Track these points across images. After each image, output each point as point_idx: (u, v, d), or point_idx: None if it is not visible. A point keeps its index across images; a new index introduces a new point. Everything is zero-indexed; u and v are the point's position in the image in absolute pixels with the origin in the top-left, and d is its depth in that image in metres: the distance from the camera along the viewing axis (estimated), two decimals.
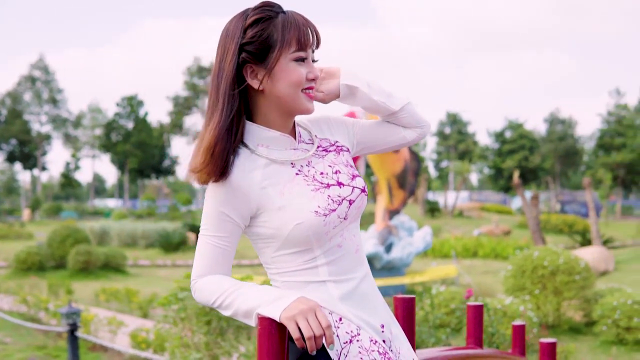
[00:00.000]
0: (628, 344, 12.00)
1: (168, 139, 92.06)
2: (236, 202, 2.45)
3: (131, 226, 36.63)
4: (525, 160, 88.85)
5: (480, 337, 3.69)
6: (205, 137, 2.44)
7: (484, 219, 53.49)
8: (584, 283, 13.19)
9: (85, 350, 11.86)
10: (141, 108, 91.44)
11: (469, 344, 3.69)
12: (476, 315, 3.72)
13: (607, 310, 12.25)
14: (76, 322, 10.01)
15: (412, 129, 2.88)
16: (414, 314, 3.25)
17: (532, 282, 13.21)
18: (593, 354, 11.70)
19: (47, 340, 12.81)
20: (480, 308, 3.74)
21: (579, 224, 47.29)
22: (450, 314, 12.57)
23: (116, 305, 16.75)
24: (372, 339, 2.52)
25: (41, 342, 12.71)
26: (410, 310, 3.21)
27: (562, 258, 13.20)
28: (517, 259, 13.79)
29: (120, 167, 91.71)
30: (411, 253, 19.90)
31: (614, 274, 21.30)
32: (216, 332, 8.54)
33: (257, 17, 2.48)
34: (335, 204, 2.49)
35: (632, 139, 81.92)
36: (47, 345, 12.44)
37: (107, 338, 12.26)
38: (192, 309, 8.49)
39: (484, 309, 9.59)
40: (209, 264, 2.51)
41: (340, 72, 2.72)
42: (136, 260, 29.59)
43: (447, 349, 3.63)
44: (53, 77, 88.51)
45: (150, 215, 50.62)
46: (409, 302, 3.22)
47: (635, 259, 24.60)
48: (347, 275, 2.55)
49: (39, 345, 12.44)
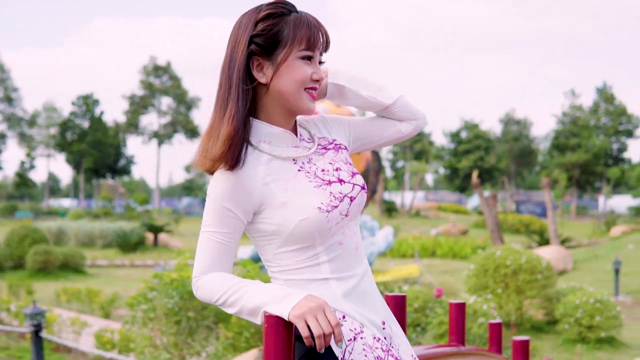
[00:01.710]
0: (590, 342, 12.14)
1: (124, 139, 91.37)
2: (240, 196, 2.45)
3: (89, 226, 36.33)
4: (480, 161, 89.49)
5: (463, 335, 3.72)
6: (224, 126, 2.46)
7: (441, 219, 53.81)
8: (546, 282, 13.31)
9: (49, 351, 11.76)
10: (97, 107, 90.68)
11: (452, 341, 3.71)
12: (459, 314, 3.75)
13: (569, 309, 12.38)
14: (41, 323, 9.91)
15: (407, 121, 2.88)
16: (405, 312, 3.28)
17: (495, 281, 13.31)
18: (556, 352, 11.82)
19: (9, 341, 12.67)
20: (462, 306, 3.77)
21: (536, 224, 47.76)
22: (418, 312, 12.59)
23: (77, 305, 16.61)
24: (375, 336, 2.53)
25: (3, 343, 12.57)
26: (402, 308, 3.24)
27: (524, 257, 13.31)
28: (479, 258, 13.89)
29: (76, 166, 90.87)
30: (373, 253, 19.94)
31: (572, 273, 21.52)
32: (185, 332, 8.52)
33: (270, 12, 2.51)
34: (337, 201, 2.50)
35: (586, 139, 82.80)
36: (9, 347, 12.32)
37: (71, 339, 12.17)
38: (161, 309, 8.46)
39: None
40: (211, 261, 2.49)
41: (328, 71, 2.73)
42: (94, 260, 29.37)
43: (432, 347, 3.66)
44: (8, 75, 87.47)
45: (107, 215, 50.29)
46: (401, 300, 3.25)
47: (592, 259, 24.88)
48: (348, 272, 2.56)
49: (2, 347, 12.31)
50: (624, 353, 11.83)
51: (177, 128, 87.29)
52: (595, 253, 26.44)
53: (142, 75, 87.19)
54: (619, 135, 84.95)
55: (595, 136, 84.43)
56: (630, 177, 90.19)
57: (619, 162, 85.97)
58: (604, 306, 12.22)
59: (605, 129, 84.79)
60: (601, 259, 23.90)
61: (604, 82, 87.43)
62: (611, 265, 20.63)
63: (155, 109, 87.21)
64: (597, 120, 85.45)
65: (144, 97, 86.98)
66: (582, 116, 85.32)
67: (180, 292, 8.53)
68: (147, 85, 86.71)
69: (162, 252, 32.96)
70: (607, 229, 47.64)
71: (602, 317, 12.06)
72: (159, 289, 8.66)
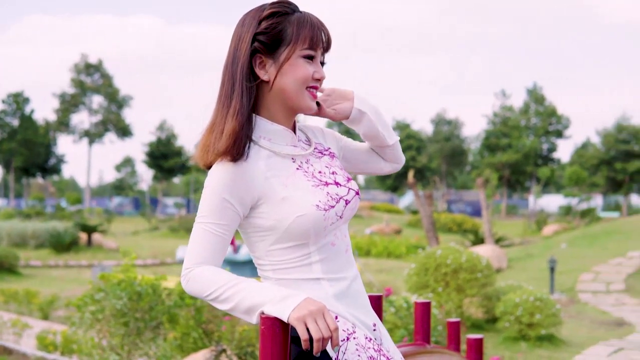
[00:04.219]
0: (530, 339, 12.31)
1: (54, 137, 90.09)
2: (241, 188, 2.47)
3: (21, 226, 35.71)
4: (412, 160, 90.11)
5: (428, 334, 3.78)
6: (228, 121, 2.48)
7: (374, 218, 53.95)
8: (486, 280, 13.46)
9: None
10: (27, 105, 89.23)
11: (417, 340, 3.76)
12: (424, 313, 3.81)
13: (510, 307, 12.54)
14: None
15: (390, 163, 3.00)
16: (382, 312, 3.32)
17: (436, 280, 13.42)
18: (497, 350, 11.96)
19: None
20: (427, 305, 3.82)
21: (468, 223, 48.21)
22: None
23: (15, 307, 16.37)
24: (367, 336, 2.57)
25: None
26: (379, 308, 3.28)
27: (464, 256, 13.46)
28: (420, 257, 14.00)
29: (5, 165, 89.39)
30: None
31: (507, 272, 21.79)
32: (134, 333, 8.48)
33: (274, 11, 2.55)
34: (334, 201, 2.54)
35: (517, 139, 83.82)
36: None
37: (12, 340, 11.99)
38: (109, 310, 8.40)
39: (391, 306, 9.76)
40: (205, 253, 2.48)
41: (353, 95, 2.80)
42: (28, 260, 28.92)
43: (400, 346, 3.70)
44: None
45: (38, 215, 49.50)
46: (378, 300, 3.30)
47: (525, 257, 25.19)
48: (340, 274, 2.59)
49: None
50: (564, 351, 12.03)
51: (108, 127, 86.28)
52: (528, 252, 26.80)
53: (73, 73, 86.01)
54: (549, 136, 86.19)
55: (525, 136, 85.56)
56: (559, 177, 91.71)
57: (549, 162, 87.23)
58: (543, 304, 12.41)
59: (535, 130, 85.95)
60: (535, 258, 24.22)
61: (534, 83, 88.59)
62: (546, 263, 20.94)
63: (86, 107, 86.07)
64: (527, 121, 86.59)
65: (75, 95, 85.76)
66: (513, 117, 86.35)
67: (128, 293, 8.48)
68: (78, 84, 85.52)
69: (96, 252, 32.56)
70: (539, 228, 48.29)
71: (542, 315, 12.24)
72: (107, 290, 8.60)
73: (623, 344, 12.22)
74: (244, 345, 7.72)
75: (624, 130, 77.27)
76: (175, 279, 10.57)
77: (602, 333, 13.55)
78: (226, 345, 7.79)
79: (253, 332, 7.84)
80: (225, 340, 7.88)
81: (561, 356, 11.64)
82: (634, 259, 21.12)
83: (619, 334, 13.40)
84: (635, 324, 14.27)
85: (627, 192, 76.83)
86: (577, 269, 20.83)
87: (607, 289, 18.44)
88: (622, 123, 78.11)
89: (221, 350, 7.72)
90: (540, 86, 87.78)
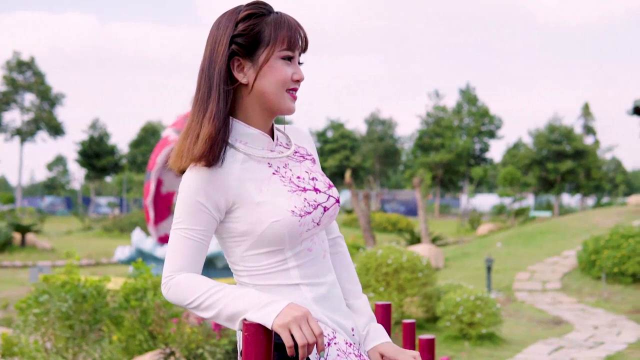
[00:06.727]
0: (472, 338, 12.43)
1: None
2: (214, 192, 2.44)
3: None
4: (346, 160, 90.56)
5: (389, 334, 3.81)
6: (204, 126, 2.45)
7: None
8: (426, 280, 13.55)
9: None
10: None
11: None
12: (384, 314, 3.83)
13: (450, 306, 12.66)
14: None
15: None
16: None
17: (377, 279, 13.48)
18: (438, 349, 12.04)
19: None
20: (388, 307, 3.85)
21: (403, 222, 48.59)
22: None
23: None
24: (347, 341, 2.57)
25: None
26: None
27: (405, 256, 13.54)
28: (361, 257, 14.05)
29: None
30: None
31: (444, 271, 21.94)
32: (79, 336, 8.39)
33: (250, 12, 2.52)
34: (311, 208, 2.52)
35: (449, 139, 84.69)
36: None
37: None
38: (54, 312, 8.30)
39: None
40: (184, 259, 2.45)
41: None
42: None
43: None
44: None
45: None
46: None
47: (460, 256, 25.37)
48: (318, 279, 2.58)
49: None
50: (505, 349, 12.18)
51: (41, 125, 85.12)
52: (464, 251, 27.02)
53: (4, 70, 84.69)
54: (482, 136, 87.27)
55: (458, 136, 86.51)
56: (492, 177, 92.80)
57: (482, 162, 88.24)
58: (484, 303, 12.54)
59: (468, 130, 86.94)
60: (471, 257, 24.41)
61: (467, 83, 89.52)
62: (482, 262, 21.17)
63: (18, 105, 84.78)
64: (460, 121, 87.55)
65: (7, 93, 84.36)
66: (446, 117, 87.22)
67: (73, 295, 8.38)
68: (9, 81, 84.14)
69: (30, 252, 32.12)
70: (473, 228, 48.83)
71: (482, 314, 12.38)
72: (51, 292, 8.49)
73: (562, 342, 12.44)
74: (193, 347, 7.68)
75: (555, 130, 78.41)
76: (118, 280, 10.48)
77: (540, 331, 13.75)
78: (175, 347, 7.75)
79: (201, 334, 7.81)
80: (173, 342, 7.84)
81: (502, 355, 11.78)
82: (570, 258, 21.44)
83: (557, 332, 13.61)
84: (572, 323, 14.51)
85: (559, 192, 78.01)
86: (513, 268, 21.09)
87: (544, 288, 18.71)
88: (554, 124, 79.27)
89: (170, 352, 7.67)
90: (473, 87, 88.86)
